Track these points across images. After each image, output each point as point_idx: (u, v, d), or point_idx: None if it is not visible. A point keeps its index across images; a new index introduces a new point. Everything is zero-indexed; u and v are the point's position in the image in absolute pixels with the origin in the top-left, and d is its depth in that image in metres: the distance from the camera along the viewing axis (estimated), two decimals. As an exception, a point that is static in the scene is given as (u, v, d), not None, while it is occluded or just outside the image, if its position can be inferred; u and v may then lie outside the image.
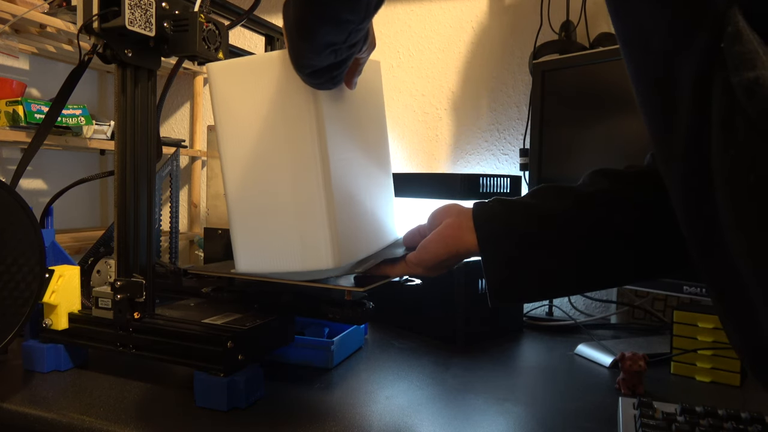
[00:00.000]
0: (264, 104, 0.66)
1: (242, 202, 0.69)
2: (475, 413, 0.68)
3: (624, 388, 0.76)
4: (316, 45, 0.54)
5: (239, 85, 0.67)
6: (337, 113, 0.67)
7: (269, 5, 1.55)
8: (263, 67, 0.65)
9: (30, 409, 0.66)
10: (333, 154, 0.65)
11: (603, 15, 1.24)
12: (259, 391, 0.70)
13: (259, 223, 0.68)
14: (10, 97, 1.15)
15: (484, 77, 1.36)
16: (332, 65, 0.57)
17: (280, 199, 0.66)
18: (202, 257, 1.16)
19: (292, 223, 0.66)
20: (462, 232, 0.60)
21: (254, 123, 0.66)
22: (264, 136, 0.66)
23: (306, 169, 0.65)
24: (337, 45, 0.54)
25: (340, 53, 0.56)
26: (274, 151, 0.66)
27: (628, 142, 0.99)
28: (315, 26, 0.53)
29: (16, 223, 0.66)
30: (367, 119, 0.75)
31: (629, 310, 1.16)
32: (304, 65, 0.58)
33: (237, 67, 0.68)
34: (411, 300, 1.03)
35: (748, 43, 0.33)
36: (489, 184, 1.03)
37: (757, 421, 0.59)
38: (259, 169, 0.67)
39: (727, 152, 0.35)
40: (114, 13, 0.66)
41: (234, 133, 0.68)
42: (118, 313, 0.72)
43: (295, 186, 0.66)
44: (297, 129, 0.64)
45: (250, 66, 0.67)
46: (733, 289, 0.39)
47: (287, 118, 0.65)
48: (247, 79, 0.66)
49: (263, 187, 0.67)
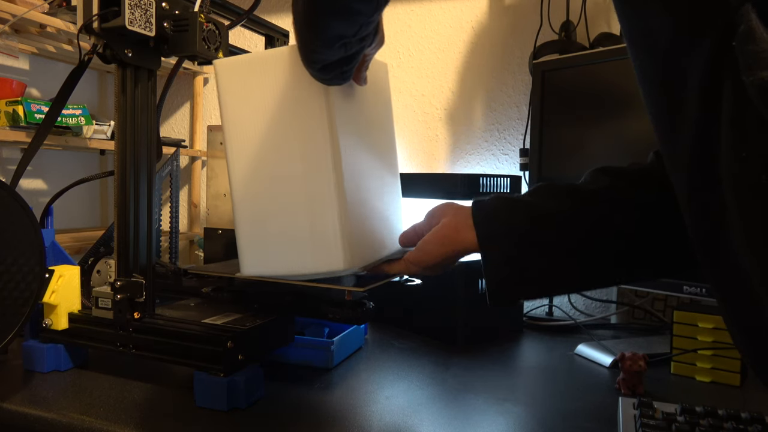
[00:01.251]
0: (272, 101, 0.64)
1: (248, 202, 0.67)
2: (475, 413, 0.68)
3: (624, 388, 0.76)
4: (326, 38, 0.54)
5: (246, 82, 0.66)
6: (347, 112, 0.66)
7: (269, 5, 1.55)
8: (271, 63, 0.64)
9: (30, 409, 0.66)
10: (344, 151, 0.64)
11: (603, 15, 1.24)
12: (259, 391, 0.69)
13: (266, 223, 0.67)
14: (10, 97, 1.15)
15: (484, 77, 1.36)
16: (342, 59, 0.57)
17: (290, 198, 0.65)
18: (202, 257, 1.16)
19: (301, 223, 0.65)
20: (460, 230, 0.59)
21: (262, 121, 0.65)
22: (272, 134, 0.65)
23: (317, 165, 0.63)
24: (348, 38, 0.54)
25: (350, 47, 0.55)
26: (283, 148, 0.65)
27: (628, 141, 0.99)
28: (325, 18, 0.52)
29: (16, 223, 0.66)
30: (376, 121, 0.74)
31: (629, 310, 1.16)
32: (314, 60, 0.58)
33: (244, 63, 0.66)
34: (411, 300, 1.03)
35: (762, 42, 0.32)
36: (489, 184, 1.03)
37: (757, 421, 0.59)
38: (266, 167, 0.66)
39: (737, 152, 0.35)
40: (114, 13, 0.66)
41: (240, 132, 0.66)
42: (118, 313, 0.72)
43: (305, 184, 0.64)
44: (307, 125, 0.63)
45: (257, 62, 0.66)
46: (738, 289, 0.39)
47: (297, 115, 0.63)
48: (255, 75, 0.65)
49: (271, 185, 0.66)
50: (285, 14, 1.55)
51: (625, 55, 1.04)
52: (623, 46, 1.04)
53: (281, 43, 1.00)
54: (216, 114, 1.66)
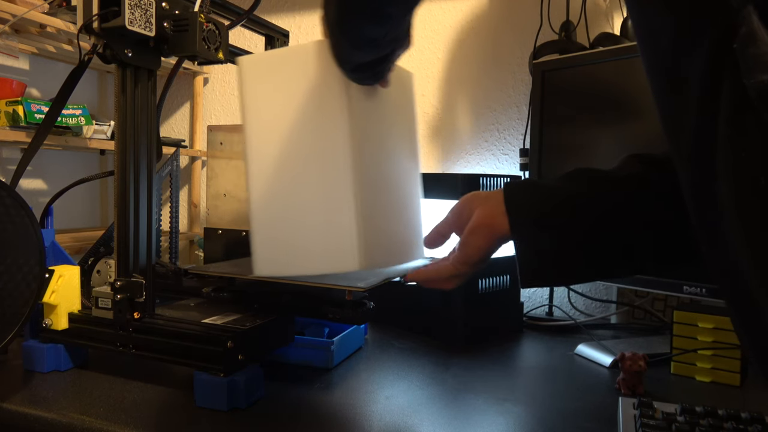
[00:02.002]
0: (293, 99, 0.63)
1: (265, 201, 0.66)
2: (475, 413, 0.68)
3: (624, 388, 0.76)
4: (358, 41, 0.54)
5: (270, 79, 0.65)
6: (369, 114, 0.65)
7: (269, 5, 1.56)
8: (294, 60, 0.63)
9: (30, 409, 0.66)
10: (363, 152, 0.63)
11: (603, 15, 1.24)
12: (259, 391, 0.69)
13: (282, 222, 0.66)
14: (10, 97, 1.15)
15: (484, 77, 1.36)
16: (375, 60, 0.57)
17: (307, 196, 0.64)
18: (202, 257, 1.16)
19: (318, 222, 0.63)
20: (495, 217, 0.58)
21: (282, 118, 0.64)
22: (292, 132, 0.64)
23: (335, 164, 0.62)
24: (379, 40, 0.53)
25: (382, 48, 0.55)
26: (302, 146, 0.64)
27: (629, 141, 0.99)
28: (355, 21, 0.52)
29: (16, 223, 0.66)
30: (399, 127, 0.72)
31: (629, 310, 1.16)
32: (346, 61, 0.57)
33: (268, 60, 0.66)
34: (411, 300, 1.03)
35: (763, 45, 0.32)
36: (489, 184, 1.03)
37: (757, 421, 0.59)
38: (285, 166, 0.65)
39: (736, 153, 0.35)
40: (114, 13, 0.66)
41: (261, 130, 0.66)
42: (118, 313, 0.72)
43: (323, 182, 0.63)
44: (327, 124, 0.62)
45: (280, 58, 0.65)
46: (738, 290, 0.39)
47: (317, 113, 0.63)
48: (278, 72, 0.64)
49: (289, 184, 0.65)
50: (285, 14, 1.55)
51: (625, 55, 1.04)
52: (623, 46, 1.04)
53: (281, 43, 1.00)
54: (216, 114, 1.66)
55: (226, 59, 0.75)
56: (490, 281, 0.99)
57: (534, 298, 1.30)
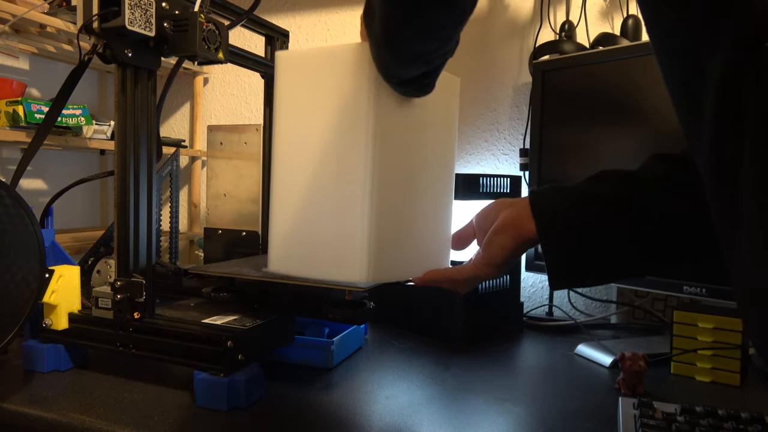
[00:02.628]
0: (322, 100, 0.63)
1: (286, 199, 0.66)
2: (475, 413, 0.68)
3: (624, 388, 0.76)
4: (407, 58, 0.52)
5: (304, 77, 0.64)
6: (399, 122, 0.63)
7: (269, 5, 1.56)
8: (329, 60, 0.62)
9: (30, 409, 0.66)
10: (384, 160, 0.61)
11: (603, 15, 1.24)
12: (259, 391, 0.70)
13: (298, 222, 0.65)
14: (10, 97, 1.15)
15: (483, 77, 1.36)
16: (423, 74, 0.55)
17: (323, 200, 0.63)
18: (202, 257, 1.16)
19: (330, 228, 0.63)
20: (523, 219, 0.58)
21: (311, 119, 0.64)
22: (318, 134, 0.63)
23: (352, 170, 0.61)
24: (429, 55, 0.52)
25: (432, 62, 0.53)
26: (324, 149, 0.63)
27: (629, 141, 0.99)
28: (404, 38, 0.49)
29: (16, 223, 0.66)
30: (434, 136, 0.70)
31: (629, 310, 1.16)
32: (393, 76, 0.56)
33: (305, 57, 0.65)
34: (411, 300, 1.03)
35: None
36: (489, 184, 1.03)
37: (757, 421, 0.59)
38: (307, 166, 0.64)
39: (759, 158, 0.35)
40: (114, 13, 0.66)
41: (290, 126, 0.65)
42: (118, 313, 0.72)
43: (338, 188, 0.62)
44: (349, 128, 0.61)
45: (318, 58, 0.64)
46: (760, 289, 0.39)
47: (342, 116, 0.62)
48: (313, 71, 0.63)
49: (308, 185, 0.64)
50: (285, 14, 1.55)
51: (625, 55, 1.04)
52: (623, 46, 1.04)
53: (281, 43, 1.00)
54: (215, 114, 1.66)
55: (226, 59, 0.75)
56: (490, 281, 0.99)
57: (534, 298, 1.30)
